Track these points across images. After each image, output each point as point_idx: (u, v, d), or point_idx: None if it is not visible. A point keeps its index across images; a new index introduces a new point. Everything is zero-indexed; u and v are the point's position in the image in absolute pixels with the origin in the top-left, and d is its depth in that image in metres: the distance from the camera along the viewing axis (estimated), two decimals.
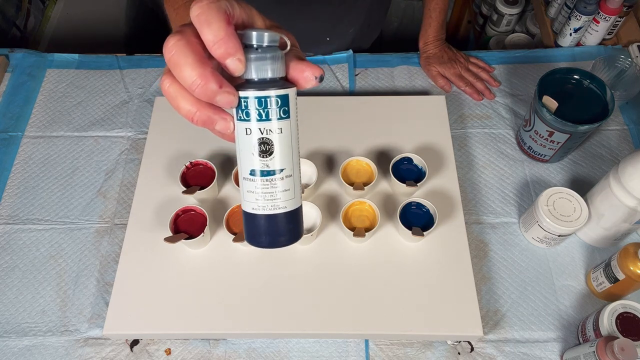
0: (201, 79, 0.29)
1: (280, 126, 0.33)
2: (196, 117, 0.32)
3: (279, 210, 0.35)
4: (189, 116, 0.32)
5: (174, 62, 0.30)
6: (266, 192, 0.34)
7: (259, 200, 0.35)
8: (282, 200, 0.35)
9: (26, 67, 0.95)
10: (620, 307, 0.62)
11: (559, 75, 0.78)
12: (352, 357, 0.67)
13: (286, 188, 0.35)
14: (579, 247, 0.75)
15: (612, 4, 0.91)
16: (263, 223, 0.35)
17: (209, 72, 0.30)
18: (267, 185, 0.34)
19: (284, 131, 0.33)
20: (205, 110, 0.32)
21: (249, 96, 0.32)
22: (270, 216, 0.35)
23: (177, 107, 0.31)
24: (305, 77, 0.34)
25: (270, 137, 0.33)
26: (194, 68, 0.29)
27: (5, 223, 0.78)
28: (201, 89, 0.30)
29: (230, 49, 0.29)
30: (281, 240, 0.36)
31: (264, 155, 0.33)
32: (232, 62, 0.30)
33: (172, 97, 0.31)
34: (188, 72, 0.29)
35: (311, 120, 0.83)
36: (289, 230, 0.36)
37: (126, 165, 0.83)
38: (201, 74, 0.29)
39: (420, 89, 0.93)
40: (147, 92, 0.92)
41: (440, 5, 0.92)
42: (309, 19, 0.91)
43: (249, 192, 0.35)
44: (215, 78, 0.30)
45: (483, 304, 0.71)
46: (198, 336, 0.68)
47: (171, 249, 0.71)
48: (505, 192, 0.81)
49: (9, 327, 0.70)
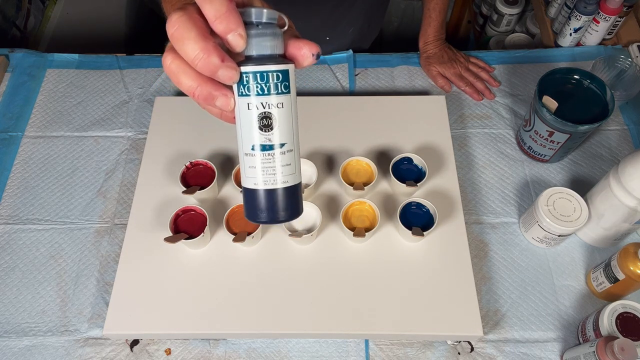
0: (204, 52, 0.30)
1: (281, 101, 0.34)
2: (197, 92, 0.32)
3: (281, 185, 0.35)
4: (190, 91, 0.32)
5: (177, 36, 0.30)
6: (268, 166, 0.35)
7: (262, 176, 0.35)
8: (283, 174, 0.35)
9: (26, 67, 0.95)
10: (620, 307, 0.62)
11: (559, 75, 0.78)
12: (352, 357, 0.67)
13: (287, 162, 0.35)
14: (579, 247, 0.75)
15: (612, 4, 0.91)
16: (264, 198, 0.35)
17: (211, 46, 0.30)
18: (269, 160, 0.34)
19: (284, 106, 0.34)
20: (206, 86, 0.32)
21: (250, 71, 0.32)
22: (272, 191, 0.35)
23: (178, 82, 0.32)
24: (303, 54, 0.34)
25: (271, 111, 0.33)
26: (196, 41, 0.30)
27: (5, 223, 0.78)
28: (203, 62, 0.30)
29: (232, 24, 0.30)
30: (282, 216, 0.36)
31: (265, 129, 0.34)
32: (233, 37, 0.31)
33: (174, 73, 0.32)
34: (191, 45, 0.30)
35: (311, 120, 0.83)
36: (290, 205, 0.36)
37: (126, 165, 0.83)
38: (204, 48, 0.30)
39: (420, 89, 0.93)
40: (147, 92, 0.92)
41: (440, 5, 0.92)
42: (308, 18, 0.91)
43: (250, 168, 0.35)
44: (218, 52, 0.30)
45: (483, 304, 0.71)
46: (198, 336, 0.68)
47: (171, 249, 0.71)
48: (505, 192, 0.81)
49: (9, 327, 0.70)
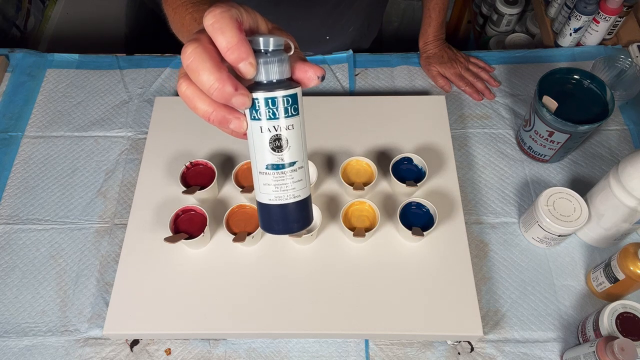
0: (219, 82, 0.32)
1: (291, 123, 0.36)
2: (212, 117, 0.34)
3: (293, 199, 0.38)
4: (206, 116, 0.34)
5: (192, 67, 0.32)
6: (280, 183, 0.37)
7: (275, 192, 0.37)
8: (295, 190, 0.38)
9: (26, 67, 0.95)
10: (620, 307, 0.62)
11: (559, 75, 0.78)
12: (352, 357, 0.67)
13: (299, 179, 0.38)
14: (579, 247, 0.75)
15: (612, 4, 0.91)
16: (279, 212, 0.38)
17: (225, 76, 0.32)
18: (281, 177, 0.37)
19: (294, 127, 0.36)
20: (220, 111, 0.34)
21: (261, 97, 0.34)
22: (285, 205, 0.38)
23: (194, 107, 0.34)
24: (308, 77, 0.36)
25: (281, 134, 0.36)
26: (211, 73, 0.32)
27: (5, 223, 0.78)
28: (218, 92, 0.32)
29: (243, 53, 0.32)
30: (295, 227, 0.39)
31: (277, 150, 0.36)
32: (244, 66, 0.33)
33: (190, 99, 0.34)
34: (206, 76, 0.32)
35: (311, 120, 0.82)
36: (301, 217, 0.39)
37: (126, 165, 0.83)
38: (218, 78, 0.32)
39: (420, 89, 0.93)
40: (147, 92, 0.92)
41: (440, 5, 0.92)
42: (308, 18, 0.91)
43: (265, 185, 0.38)
44: (231, 81, 0.32)
45: (483, 304, 0.71)
46: (198, 336, 0.68)
47: (171, 249, 0.71)
48: (505, 192, 0.81)
49: (9, 327, 0.70)
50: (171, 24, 0.57)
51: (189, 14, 0.50)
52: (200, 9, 0.50)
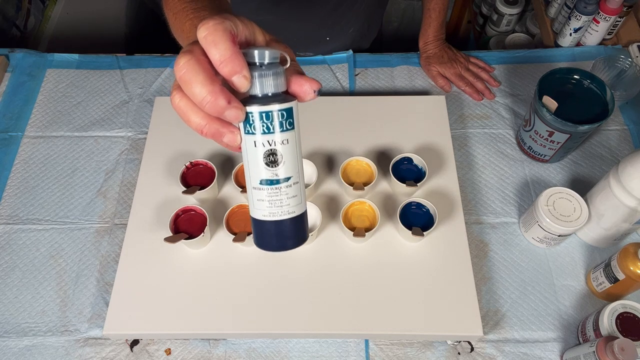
0: (211, 95, 0.31)
1: (286, 137, 0.35)
2: (205, 130, 0.33)
3: (288, 215, 0.37)
4: (199, 129, 0.33)
5: (185, 79, 0.31)
6: (275, 199, 0.36)
7: (269, 208, 0.36)
8: (290, 206, 0.36)
9: (26, 67, 0.95)
10: (620, 307, 0.62)
11: (559, 75, 0.78)
12: (352, 357, 0.67)
13: (293, 194, 0.36)
14: (579, 247, 0.75)
15: (612, 4, 0.91)
16: (273, 228, 0.37)
17: (218, 89, 0.31)
18: (276, 193, 0.36)
19: (289, 142, 0.35)
20: (214, 124, 0.33)
21: (255, 111, 0.33)
22: (280, 222, 0.37)
23: (187, 120, 0.33)
24: (304, 91, 0.36)
25: (276, 149, 0.35)
26: (204, 85, 0.31)
27: (5, 223, 0.78)
28: (211, 105, 0.31)
29: (237, 67, 0.31)
30: (290, 243, 0.38)
31: (272, 165, 0.35)
32: (238, 79, 0.32)
33: (183, 112, 0.33)
34: (198, 89, 0.31)
35: (311, 120, 0.83)
36: (297, 233, 0.38)
37: (126, 165, 0.83)
38: (211, 91, 0.31)
39: (420, 89, 0.93)
40: (147, 92, 0.92)
41: (440, 5, 0.92)
42: (308, 19, 0.92)
43: (259, 201, 0.36)
44: (224, 94, 0.32)
45: (483, 304, 0.71)
46: (198, 336, 0.68)
47: (171, 249, 0.71)
48: (505, 192, 0.81)
49: (9, 327, 0.70)
50: (172, 28, 0.57)
51: (189, 20, 0.50)
52: (201, 15, 0.49)
